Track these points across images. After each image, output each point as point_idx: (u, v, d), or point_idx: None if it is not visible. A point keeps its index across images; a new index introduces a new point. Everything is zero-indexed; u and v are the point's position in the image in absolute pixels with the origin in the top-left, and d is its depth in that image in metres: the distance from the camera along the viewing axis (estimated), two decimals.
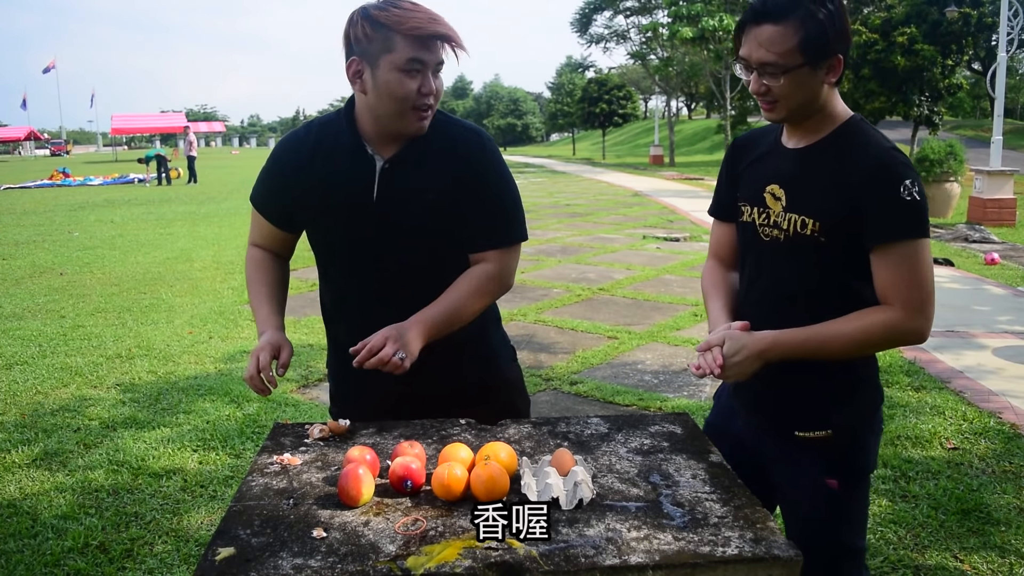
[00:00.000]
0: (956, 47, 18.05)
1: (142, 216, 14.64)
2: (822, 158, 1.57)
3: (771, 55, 1.48)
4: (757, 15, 1.49)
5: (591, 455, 1.61)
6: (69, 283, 8.00)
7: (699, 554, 1.22)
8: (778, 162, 1.63)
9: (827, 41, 1.49)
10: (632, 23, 48.27)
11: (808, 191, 1.56)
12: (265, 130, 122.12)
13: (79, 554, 2.82)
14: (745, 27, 1.52)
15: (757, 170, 1.67)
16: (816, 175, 1.56)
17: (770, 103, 1.55)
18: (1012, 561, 2.70)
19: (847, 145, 1.55)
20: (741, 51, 1.54)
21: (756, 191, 1.64)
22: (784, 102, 1.54)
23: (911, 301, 1.49)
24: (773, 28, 1.47)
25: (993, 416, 4.04)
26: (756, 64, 1.51)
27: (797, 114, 1.57)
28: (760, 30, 1.49)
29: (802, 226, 1.55)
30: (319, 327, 6.06)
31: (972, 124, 39.13)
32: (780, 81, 1.50)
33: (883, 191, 1.48)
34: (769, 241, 1.61)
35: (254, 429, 3.98)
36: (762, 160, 1.68)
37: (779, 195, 1.60)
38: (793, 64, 1.48)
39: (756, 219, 1.64)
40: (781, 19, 1.47)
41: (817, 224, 1.54)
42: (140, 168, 27.68)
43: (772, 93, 1.53)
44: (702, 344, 1.62)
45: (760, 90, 1.53)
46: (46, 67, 58.70)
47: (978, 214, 12.85)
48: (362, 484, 1.39)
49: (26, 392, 4.65)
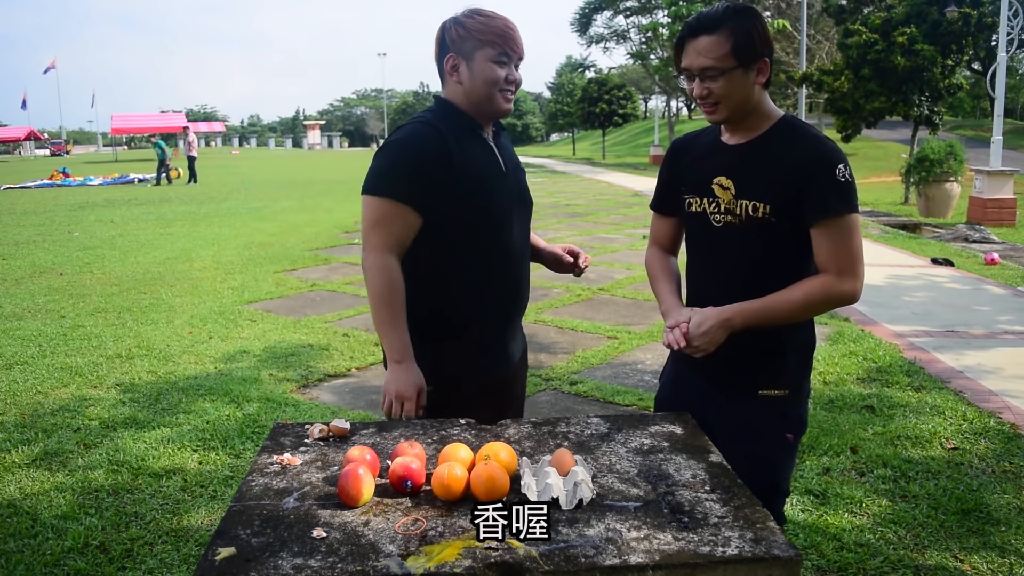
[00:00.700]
0: (956, 47, 18.01)
1: (142, 216, 14.64)
2: (766, 150, 1.81)
3: (709, 60, 1.74)
4: (693, 30, 1.76)
5: (591, 455, 1.61)
6: (69, 283, 8.00)
7: (699, 554, 1.22)
8: (722, 157, 1.86)
9: (754, 47, 1.75)
10: (632, 23, 48.27)
11: (756, 179, 1.80)
12: (265, 130, 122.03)
13: (79, 554, 2.82)
14: (684, 42, 1.78)
15: (701, 166, 1.89)
16: (762, 165, 1.80)
17: (712, 105, 1.79)
18: (1012, 561, 2.70)
19: (786, 138, 1.80)
20: (683, 63, 1.79)
21: (703, 184, 1.86)
22: (724, 103, 1.78)
23: (845, 267, 1.76)
24: (708, 38, 1.74)
25: (993, 416, 4.04)
26: (697, 71, 1.76)
27: (736, 113, 1.80)
28: (698, 41, 1.75)
29: (754, 210, 1.79)
30: (319, 327, 6.07)
31: (972, 124, 39.11)
32: (719, 83, 1.75)
33: (822, 175, 1.74)
34: (722, 226, 1.84)
35: (254, 429, 3.98)
36: (705, 157, 1.90)
37: (727, 185, 1.82)
38: (728, 67, 1.74)
39: (707, 208, 1.86)
40: (714, 31, 1.73)
41: (768, 207, 1.78)
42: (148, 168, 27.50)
43: (713, 95, 1.77)
44: (670, 321, 1.85)
45: (703, 94, 1.77)
46: (46, 67, 58.79)
47: (978, 214, 12.85)
48: (362, 484, 1.39)
49: (26, 392, 4.65)
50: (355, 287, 7.72)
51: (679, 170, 1.96)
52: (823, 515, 3.02)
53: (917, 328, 5.88)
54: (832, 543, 2.81)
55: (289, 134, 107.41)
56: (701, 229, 1.88)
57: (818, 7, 29.12)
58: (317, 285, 7.82)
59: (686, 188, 1.91)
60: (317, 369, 5.02)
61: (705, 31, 1.74)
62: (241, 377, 4.81)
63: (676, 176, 1.97)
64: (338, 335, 5.84)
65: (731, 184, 1.81)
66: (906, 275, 8.10)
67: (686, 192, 1.91)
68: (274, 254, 9.77)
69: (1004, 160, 14.31)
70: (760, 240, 1.80)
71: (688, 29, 1.77)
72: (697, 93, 1.77)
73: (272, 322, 6.28)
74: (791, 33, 30.11)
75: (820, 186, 1.74)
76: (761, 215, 1.78)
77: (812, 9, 29.62)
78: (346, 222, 13.32)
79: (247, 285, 7.79)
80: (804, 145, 1.78)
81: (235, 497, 1.43)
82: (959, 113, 46.37)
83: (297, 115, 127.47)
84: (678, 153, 1.99)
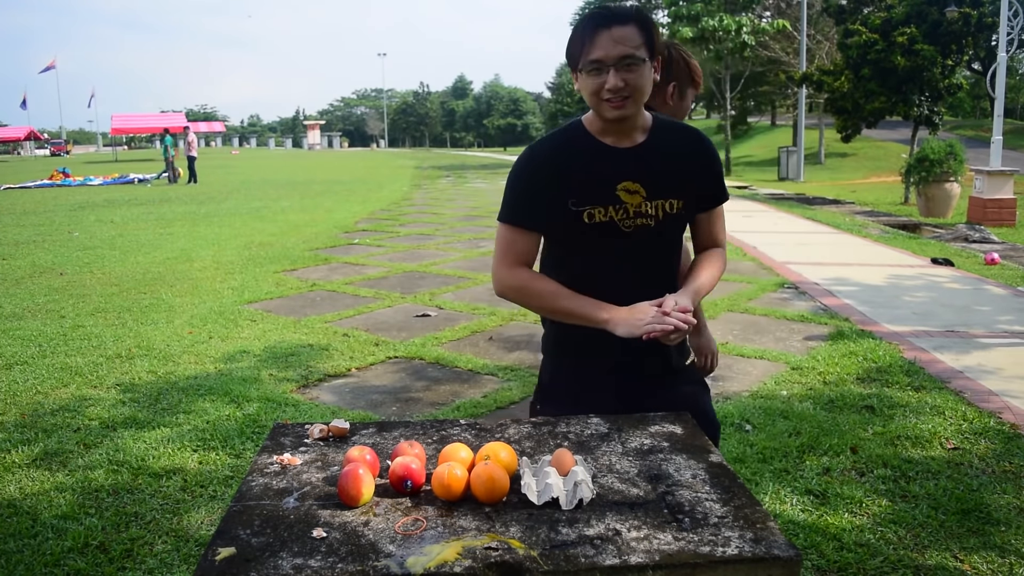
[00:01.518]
0: (956, 47, 18.02)
1: (142, 216, 14.64)
2: (661, 149, 1.85)
3: (629, 48, 1.73)
4: (607, 20, 1.73)
5: (591, 455, 1.61)
6: (69, 283, 8.00)
7: (699, 554, 1.22)
8: (621, 162, 1.82)
9: (656, 45, 1.78)
10: None
11: (663, 178, 1.84)
12: (265, 130, 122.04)
13: (79, 554, 2.82)
14: (596, 32, 1.74)
15: (596, 175, 1.81)
16: (664, 164, 1.84)
17: (624, 98, 1.75)
18: (1012, 561, 2.70)
19: (672, 135, 1.88)
20: (594, 55, 1.73)
21: (605, 193, 1.81)
22: (635, 96, 1.76)
23: (725, 240, 2.02)
24: (623, 28, 1.73)
25: (993, 416, 4.04)
26: (614, 60, 1.73)
27: (638, 109, 1.81)
28: (611, 31, 1.73)
29: (669, 208, 1.85)
30: (319, 327, 6.07)
31: (972, 124, 39.12)
32: (634, 74, 1.74)
33: (712, 166, 1.92)
34: (634, 230, 1.83)
35: (254, 429, 3.98)
36: (596, 165, 1.82)
37: (635, 189, 1.82)
38: (643, 57, 1.74)
39: (614, 216, 1.82)
40: (626, 22, 1.74)
41: (680, 203, 1.86)
42: (148, 168, 27.73)
43: (628, 87, 1.74)
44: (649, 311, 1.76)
45: (618, 85, 1.73)
46: (46, 67, 58.76)
47: (978, 214, 12.85)
48: (362, 484, 1.39)
49: (26, 392, 4.65)
50: (355, 287, 7.73)
51: (560, 181, 1.81)
52: (823, 515, 3.02)
53: (917, 328, 5.88)
54: (832, 543, 2.81)
55: (289, 134, 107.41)
56: (607, 238, 1.82)
57: (818, 7, 29.12)
58: (317, 285, 7.82)
59: (579, 200, 1.80)
60: (317, 369, 5.02)
61: (618, 21, 1.73)
62: (241, 377, 4.81)
63: (556, 188, 1.81)
64: (338, 335, 5.84)
65: (639, 187, 1.81)
66: (906, 275, 8.10)
67: (580, 204, 1.80)
68: (274, 254, 9.77)
69: (1004, 160, 14.31)
70: (671, 235, 1.91)
71: (601, 19, 1.74)
72: (611, 84, 1.72)
73: (272, 322, 6.28)
74: (791, 33, 30.12)
75: (713, 176, 1.93)
76: (675, 211, 1.86)
77: (812, 9, 29.62)
78: (346, 222, 13.32)
79: (247, 285, 7.79)
80: (691, 139, 1.90)
81: (235, 497, 1.43)
82: (959, 113, 46.38)
83: (297, 115, 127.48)
84: (549, 163, 1.84)
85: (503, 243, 1.89)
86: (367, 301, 7.07)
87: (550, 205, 1.82)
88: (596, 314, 1.80)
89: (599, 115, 1.81)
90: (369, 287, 7.73)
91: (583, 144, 1.85)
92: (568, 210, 1.81)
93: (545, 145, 1.89)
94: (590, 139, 1.85)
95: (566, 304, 1.84)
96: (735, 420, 4.00)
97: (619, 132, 1.83)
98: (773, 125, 45.73)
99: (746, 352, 5.29)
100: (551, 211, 1.82)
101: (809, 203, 16.95)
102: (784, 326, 6.03)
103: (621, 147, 1.83)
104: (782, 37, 31.88)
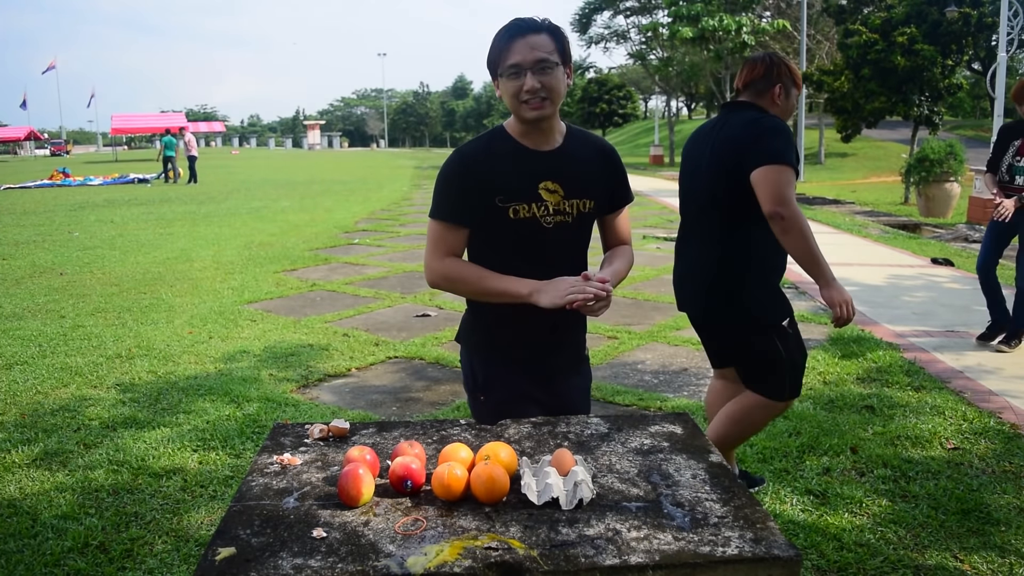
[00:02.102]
0: (956, 47, 18.02)
1: (142, 216, 14.64)
2: (576, 153, 2.03)
3: (544, 53, 1.88)
4: (522, 29, 1.90)
5: (591, 455, 1.61)
6: (69, 283, 8.00)
7: (699, 554, 1.22)
8: (541, 163, 1.99)
9: (568, 54, 1.95)
10: (632, 23, 48.28)
11: (579, 179, 2.02)
12: (265, 130, 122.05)
13: (79, 554, 2.82)
14: (512, 41, 1.89)
15: (520, 174, 1.97)
16: (579, 166, 2.02)
17: (542, 99, 1.90)
18: (1012, 561, 2.70)
19: (583, 141, 2.07)
20: (512, 60, 1.89)
21: (528, 190, 1.97)
22: (552, 97, 1.91)
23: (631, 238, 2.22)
24: (538, 35, 1.90)
25: (993, 416, 4.04)
26: (531, 64, 1.88)
27: (555, 110, 1.94)
28: (527, 39, 1.89)
29: (583, 206, 2.03)
30: (319, 327, 6.07)
31: (972, 124, 39.10)
32: (549, 77, 1.88)
33: (619, 170, 2.13)
34: (553, 227, 2.00)
35: (254, 429, 3.98)
36: (520, 165, 1.98)
37: (554, 188, 1.98)
38: (556, 61, 1.90)
39: (536, 212, 1.98)
40: (540, 31, 1.91)
41: (592, 203, 2.05)
42: (148, 168, 27.89)
43: (544, 88, 1.89)
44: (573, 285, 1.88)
45: (536, 87, 1.87)
46: (46, 67, 58.77)
47: (978, 214, 12.85)
48: (362, 484, 1.39)
49: (26, 392, 4.65)
50: (355, 287, 7.73)
51: (488, 181, 1.96)
52: (823, 515, 3.02)
53: (917, 328, 5.88)
54: (832, 543, 2.81)
55: (289, 134, 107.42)
56: (530, 232, 1.99)
57: (818, 7, 29.12)
58: (317, 285, 7.82)
59: (506, 197, 1.96)
60: (317, 369, 5.02)
61: (534, 30, 1.90)
62: (241, 377, 4.81)
63: (484, 187, 1.96)
64: (338, 335, 5.84)
65: (558, 187, 1.98)
66: (906, 275, 8.10)
67: (507, 200, 1.96)
68: (274, 254, 9.77)
69: None
70: (584, 231, 2.09)
71: (517, 29, 1.90)
72: (529, 87, 1.87)
73: (272, 322, 6.28)
74: (791, 33, 30.11)
75: (619, 179, 2.13)
76: (588, 210, 2.04)
77: (812, 9, 29.62)
78: (346, 222, 13.33)
79: (247, 285, 7.79)
80: (598, 147, 2.10)
81: (235, 497, 1.43)
82: (959, 113, 46.36)
83: (297, 115, 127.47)
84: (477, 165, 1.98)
85: (434, 237, 2.03)
86: (367, 301, 7.07)
87: (478, 202, 1.97)
88: (520, 289, 1.93)
89: (519, 117, 1.95)
90: (369, 287, 7.73)
91: (507, 147, 2.00)
92: (495, 206, 1.96)
93: (472, 148, 2.04)
94: (513, 142, 2.00)
95: (491, 284, 1.97)
96: None
97: (538, 135, 1.99)
98: None
99: None
100: (479, 208, 1.97)
101: (809, 203, 16.96)
102: None
103: (541, 150, 2.00)
104: (782, 37, 31.87)
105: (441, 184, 2.03)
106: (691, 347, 5.45)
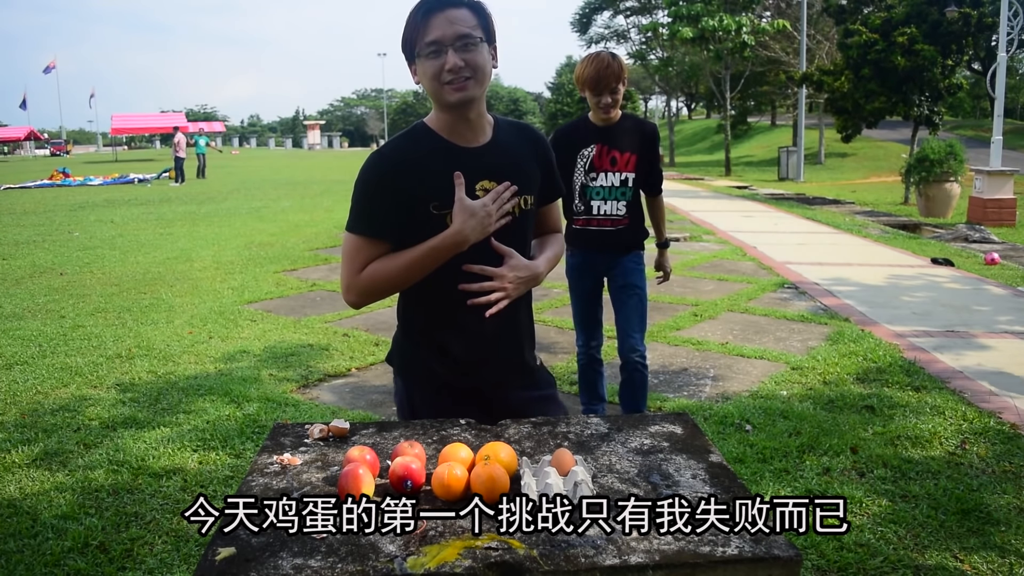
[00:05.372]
0: (956, 47, 18.02)
1: (142, 216, 14.64)
2: (509, 145, 1.88)
3: (466, 28, 1.71)
4: (440, 4, 1.72)
5: (591, 455, 1.61)
6: (69, 283, 8.00)
7: (699, 554, 1.22)
8: (475, 162, 1.81)
9: (492, 30, 1.79)
10: (632, 23, 48.30)
11: (516, 175, 1.84)
12: (265, 130, 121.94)
13: (79, 554, 2.82)
14: (430, 16, 1.71)
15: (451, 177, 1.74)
16: (513, 160, 1.86)
17: (466, 79, 1.72)
18: (1012, 561, 2.70)
19: (513, 131, 1.92)
20: (431, 36, 1.71)
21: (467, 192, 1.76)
22: (479, 77, 1.74)
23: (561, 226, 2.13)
24: (457, 10, 1.72)
25: (993, 416, 4.04)
26: (452, 40, 1.70)
27: (480, 93, 1.76)
28: (447, 13, 1.71)
29: (525, 203, 1.88)
30: (319, 327, 6.07)
31: (972, 124, 39.11)
32: (472, 54, 1.71)
33: (550, 162, 1.98)
34: (498, 229, 1.79)
35: (254, 429, 3.98)
36: (452, 167, 1.75)
37: (492, 188, 1.80)
38: (480, 37, 1.73)
39: None
40: (460, 5, 1.73)
41: (531, 198, 1.91)
42: (148, 168, 28.14)
43: (469, 66, 1.72)
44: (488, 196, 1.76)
45: (458, 65, 1.70)
46: (46, 67, 58.75)
47: (978, 214, 12.86)
48: (362, 484, 1.39)
49: (26, 392, 4.65)
50: None
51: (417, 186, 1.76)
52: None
53: (917, 328, 5.88)
54: (832, 543, 2.81)
55: (289, 134, 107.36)
56: None
57: (818, 7, 29.10)
58: (317, 285, 7.82)
59: (441, 204, 1.75)
60: (317, 369, 5.02)
61: (452, 5, 1.72)
62: (241, 377, 4.81)
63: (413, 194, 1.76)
64: (338, 335, 5.84)
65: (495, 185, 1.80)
66: (906, 275, 8.10)
67: (443, 207, 1.75)
68: (274, 254, 9.77)
69: (1004, 160, 14.32)
70: (526, 226, 1.93)
71: (434, 3, 1.71)
72: (451, 64, 1.69)
73: (272, 322, 6.28)
74: (791, 33, 30.11)
75: (552, 171, 1.99)
76: (528, 206, 1.90)
77: (812, 9, 29.61)
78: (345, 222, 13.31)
79: (247, 285, 7.79)
80: (531, 135, 1.96)
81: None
82: (959, 113, 46.36)
83: (297, 115, 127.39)
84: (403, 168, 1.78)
85: (350, 252, 1.80)
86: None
87: (406, 211, 1.76)
88: (442, 244, 1.73)
89: (442, 103, 1.76)
90: None
91: (432, 146, 1.80)
92: (430, 214, 1.75)
93: (396, 149, 1.81)
94: (439, 140, 1.80)
95: (411, 259, 1.76)
96: (735, 420, 4.00)
97: (467, 129, 1.81)
98: (773, 125, 45.74)
99: (746, 352, 5.29)
100: (408, 216, 1.76)
101: (809, 203, 16.96)
102: (784, 326, 6.03)
103: (471, 147, 1.82)
104: (782, 37, 31.87)
105: (359, 193, 1.79)
106: (691, 347, 5.45)
